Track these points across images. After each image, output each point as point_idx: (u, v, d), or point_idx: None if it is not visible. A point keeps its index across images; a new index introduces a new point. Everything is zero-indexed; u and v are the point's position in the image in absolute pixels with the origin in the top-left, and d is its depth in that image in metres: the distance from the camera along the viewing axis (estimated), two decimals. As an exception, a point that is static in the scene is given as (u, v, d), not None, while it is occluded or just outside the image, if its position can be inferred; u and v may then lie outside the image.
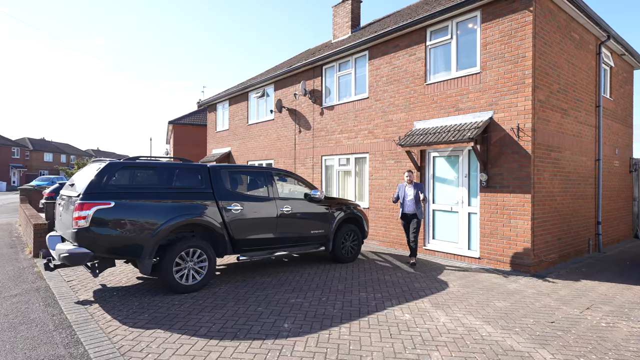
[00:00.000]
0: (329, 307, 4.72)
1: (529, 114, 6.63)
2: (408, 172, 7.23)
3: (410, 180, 7.18)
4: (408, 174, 7.21)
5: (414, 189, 7.10)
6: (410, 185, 7.18)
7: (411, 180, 7.18)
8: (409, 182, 7.19)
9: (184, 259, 5.17)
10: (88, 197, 4.55)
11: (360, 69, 9.95)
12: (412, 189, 7.11)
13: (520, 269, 6.68)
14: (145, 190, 4.99)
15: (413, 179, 7.18)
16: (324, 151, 10.90)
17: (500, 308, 4.81)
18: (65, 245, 4.61)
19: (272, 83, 12.99)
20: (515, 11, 6.82)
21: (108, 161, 4.91)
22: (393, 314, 4.52)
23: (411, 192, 7.10)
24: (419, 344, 3.73)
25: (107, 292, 5.21)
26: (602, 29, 8.42)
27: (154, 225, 4.89)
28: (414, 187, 7.12)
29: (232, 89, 15.34)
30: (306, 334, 3.93)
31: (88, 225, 4.47)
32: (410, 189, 7.13)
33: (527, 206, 6.65)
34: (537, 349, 3.66)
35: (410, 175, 7.20)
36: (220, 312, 4.49)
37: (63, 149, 63.27)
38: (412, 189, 7.11)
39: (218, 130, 16.36)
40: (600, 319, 4.49)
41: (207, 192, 5.51)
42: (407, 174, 7.23)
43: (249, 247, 5.88)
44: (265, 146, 13.26)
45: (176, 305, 4.70)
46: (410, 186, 7.16)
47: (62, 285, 5.46)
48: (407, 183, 7.21)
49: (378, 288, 5.60)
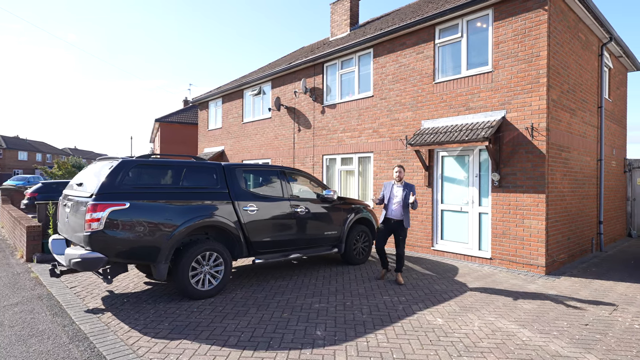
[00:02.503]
0: (357, 313, 4.53)
1: (544, 113, 6.60)
2: (398, 167, 5.95)
3: (400, 178, 5.92)
4: (398, 170, 5.91)
5: (403, 189, 5.84)
6: (400, 184, 5.92)
7: (401, 178, 5.92)
8: (398, 180, 5.92)
9: (200, 262, 4.89)
10: (101, 197, 4.22)
11: (364, 66, 9.79)
12: (401, 189, 5.85)
13: (534, 270, 6.65)
14: (160, 190, 4.69)
15: (403, 176, 5.96)
16: (325, 150, 10.70)
17: (529, 310, 4.73)
18: (76, 249, 4.26)
19: (270, 80, 12.70)
20: (529, 10, 6.79)
21: (120, 159, 4.58)
22: (425, 319, 4.36)
23: (400, 194, 5.81)
24: (463, 350, 3.58)
25: (117, 299, 4.87)
26: (606, 31, 8.51)
27: (170, 227, 4.59)
28: (404, 187, 5.87)
29: (226, 86, 14.96)
30: (342, 341, 3.72)
31: (102, 228, 4.14)
32: (399, 189, 5.87)
33: (541, 206, 6.62)
34: (584, 353, 3.57)
35: (400, 171, 5.91)
36: (245, 320, 4.24)
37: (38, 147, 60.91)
38: (401, 189, 5.85)
39: (210, 129, 15.93)
40: (631, 321, 4.45)
41: (223, 192, 5.24)
42: (396, 169, 5.92)
43: (264, 249, 5.63)
44: (262, 145, 12.96)
45: (195, 313, 4.42)
46: (399, 185, 5.91)
47: (66, 293, 5.08)
48: (396, 181, 5.96)
49: (399, 291, 5.44)
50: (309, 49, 13.89)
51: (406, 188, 5.87)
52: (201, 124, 16.67)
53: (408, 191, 5.82)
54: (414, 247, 8.45)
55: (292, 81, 11.83)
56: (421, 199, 8.33)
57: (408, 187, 5.90)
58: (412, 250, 8.47)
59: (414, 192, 5.85)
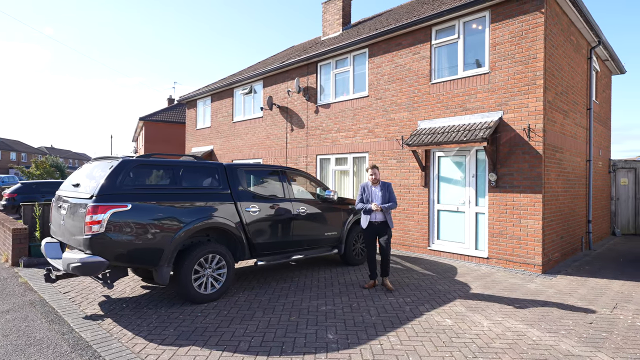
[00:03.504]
0: (365, 315, 4.47)
1: (540, 114, 6.70)
2: (372, 168, 5.64)
3: (376, 180, 5.62)
4: (372, 172, 5.61)
5: (381, 190, 5.58)
6: (377, 185, 5.64)
7: (377, 180, 5.62)
8: (374, 182, 5.62)
9: (202, 265, 4.74)
10: (102, 199, 4.04)
11: (359, 66, 9.76)
12: (379, 190, 5.60)
13: (530, 269, 6.74)
14: (162, 190, 4.53)
15: (379, 176, 5.67)
16: (318, 150, 10.62)
17: (533, 310, 4.77)
18: (74, 253, 4.06)
19: (261, 79, 12.55)
20: (526, 12, 6.88)
21: (121, 158, 4.40)
22: (434, 320, 4.34)
23: (379, 195, 5.57)
24: (477, 352, 3.57)
25: (116, 305, 4.68)
26: (595, 35, 8.72)
27: (173, 229, 4.44)
28: (382, 187, 5.60)
29: (215, 84, 14.71)
30: (356, 345, 3.66)
31: (103, 230, 3.96)
32: (377, 190, 5.61)
33: (538, 206, 6.72)
34: (594, 352, 3.61)
35: (375, 172, 5.61)
36: (253, 324, 4.13)
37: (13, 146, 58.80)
38: (379, 190, 5.60)
39: (199, 128, 15.64)
40: (633, 318, 4.54)
41: (225, 192, 5.10)
42: (370, 171, 5.63)
43: (266, 251, 5.52)
44: (253, 144, 12.79)
45: (200, 317, 4.28)
46: (376, 187, 5.63)
47: (60, 298, 4.85)
48: (372, 183, 5.64)
49: (403, 292, 5.42)
50: (301, 48, 13.79)
51: (384, 188, 5.62)
52: (189, 122, 16.35)
53: (386, 191, 5.59)
54: (410, 247, 8.47)
55: (284, 80, 11.71)
56: (417, 199, 8.36)
57: (385, 186, 5.64)
58: (408, 250, 8.49)
59: (392, 191, 5.62)
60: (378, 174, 5.66)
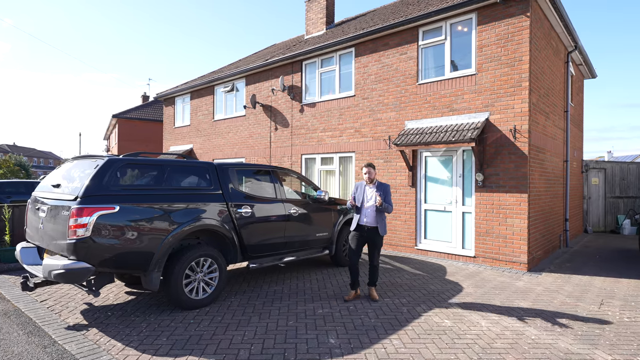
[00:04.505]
0: (364, 317, 4.40)
1: (526, 116, 6.84)
2: (367, 167, 5.00)
3: (371, 179, 5.02)
4: (367, 170, 4.99)
5: (376, 190, 4.94)
6: (372, 185, 5.02)
7: (372, 179, 5.02)
8: (370, 181, 5.03)
9: (193, 269, 4.54)
10: (87, 200, 3.77)
11: (346, 65, 9.70)
12: (374, 190, 4.96)
13: (516, 267, 6.88)
14: (151, 191, 4.29)
15: (374, 176, 5.05)
16: (304, 150, 10.50)
17: (525, 308, 4.84)
18: (56, 259, 3.77)
19: (243, 77, 12.29)
20: (512, 16, 7.00)
21: (107, 157, 4.13)
22: (433, 321, 4.32)
23: (373, 196, 4.92)
24: (481, 352, 3.56)
25: (100, 313, 4.40)
26: (572, 40, 9.01)
27: (164, 231, 4.21)
28: (377, 188, 4.97)
29: (195, 81, 14.31)
30: (359, 349, 3.58)
31: (89, 234, 3.70)
32: (372, 190, 4.97)
33: (523, 205, 6.85)
34: (592, 349, 3.67)
35: (370, 171, 4.99)
36: (250, 330, 3.97)
37: (-29, 143, 55.34)
38: (374, 190, 4.96)
39: (177, 126, 15.17)
40: (620, 314, 4.68)
41: (217, 193, 4.91)
42: (365, 169, 5.01)
43: (258, 253, 5.36)
44: (235, 144, 12.51)
45: (193, 324, 4.09)
46: (371, 187, 5.02)
47: (37, 307, 4.52)
48: (367, 183, 5.07)
49: (397, 292, 5.38)
50: (284, 46, 13.61)
51: (379, 189, 4.95)
52: (167, 120, 15.83)
53: (382, 193, 4.94)
54: (398, 247, 8.49)
55: (268, 78, 11.50)
56: (405, 199, 8.38)
57: (382, 187, 4.99)
58: (395, 250, 8.50)
59: (388, 194, 4.98)
60: (373, 173, 5.05)
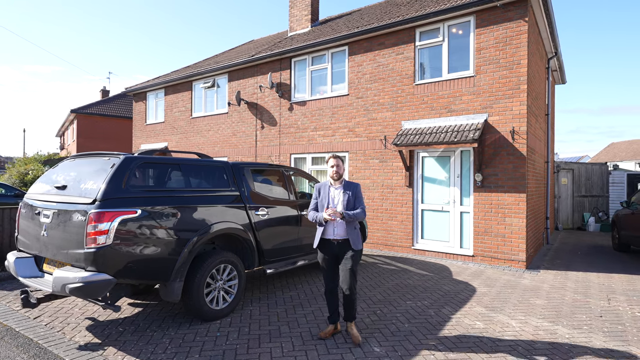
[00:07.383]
0: (396, 322, 4.27)
1: (524, 118, 7.03)
2: (334, 158, 3.81)
3: (339, 176, 3.80)
4: (335, 162, 3.79)
5: (344, 191, 3.75)
6: (338, 185, 3.81)
7: (340, 175, 3.81)
8: (337, 178, 3.80)
9: (213, 277, 4.19)
10: (107, 204, 3.34)
11: (338, 64, 9.55)
12: (341, 191, 3.77)
13: (514, 265, 7.05)
14: (172, 192, 3.90)
15: (342, 171, 3.84)
16: (293, 149, 10.23)
17: (543, 306, 4.93)
18: (71, 271, 3.30)
19: (226, 73, 11.79)
20: (510, 20, 7.17)
21: (123, 156, 3.69)
22: (465, 323, 4.28)
23: (340, 198, 3.74)
24: (527, 355, 3.54)
25: (110, 329, 3.95)
26: (554, 46, 9.44)
27: (186, 237, 3.85)
28: (344, 188, 3.78)
29: (170, 75, 13.57)
30: (408, 357, 3.44)
31: (111, 242, 3.27)
32: (339, 192, 3.77)
33: (522, 205, 7.04)
34: (626, 346, 3.77)
35: (338, 164, 3.80)
36: (286, 342, 3.71)
37: None
38: (341, 191, 3.77)
39: (149, 123, 14.33)
40: (630, 310, 4.88)
41: (235, 194, 4.58)
42: (333, 161, 3.80)
43: (274, 257, 5.08)
44: (217, 142, 11.98)
45: (221, 338, 3.76)
46: (337, 187, 3.81)
47: (33, 326, 3.98)
48: (333, 181, 3.83)
49: (416, 294, 5.31)
50: (266, 42, 13.23)
51: (348, 189, 3.76)
52: (137, 117, 14.90)
53: (352, 194, 3.74)
54: (394, 247, 8.46)
55: (253, 75, 11.11)
56: (401, 199, 8.37)
57: (350, 187, 3.78)
58: (392, 250, 8.47)
59: (360, 196, 3.75)
60: (342, 167, 3.83)
